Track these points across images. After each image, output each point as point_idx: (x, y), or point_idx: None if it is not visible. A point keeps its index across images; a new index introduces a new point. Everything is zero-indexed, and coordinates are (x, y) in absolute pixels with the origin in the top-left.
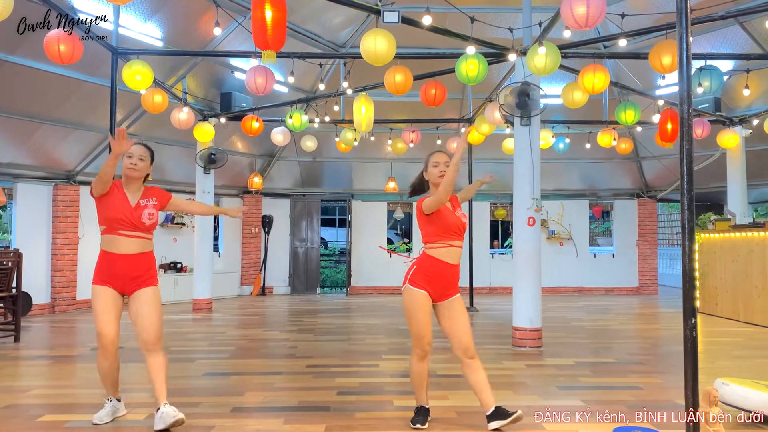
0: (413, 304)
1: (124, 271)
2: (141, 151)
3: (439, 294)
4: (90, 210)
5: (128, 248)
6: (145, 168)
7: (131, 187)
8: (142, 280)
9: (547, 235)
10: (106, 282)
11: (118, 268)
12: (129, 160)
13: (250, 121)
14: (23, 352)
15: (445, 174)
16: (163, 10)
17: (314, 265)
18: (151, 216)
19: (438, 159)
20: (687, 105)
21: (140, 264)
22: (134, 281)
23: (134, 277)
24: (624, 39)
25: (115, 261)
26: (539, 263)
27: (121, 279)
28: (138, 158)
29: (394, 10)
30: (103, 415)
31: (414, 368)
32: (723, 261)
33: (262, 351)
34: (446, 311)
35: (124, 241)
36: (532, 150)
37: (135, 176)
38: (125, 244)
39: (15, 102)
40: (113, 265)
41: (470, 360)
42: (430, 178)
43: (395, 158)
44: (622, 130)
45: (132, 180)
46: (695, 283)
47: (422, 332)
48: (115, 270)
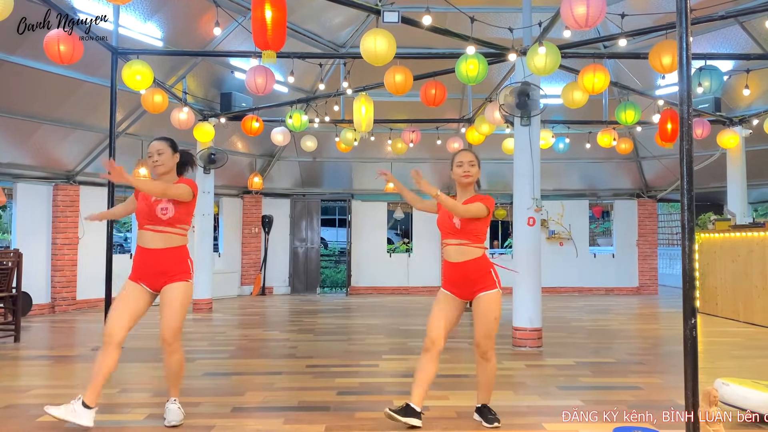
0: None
1: (151, 266)
2: (158, 146)
3: (462, 291)
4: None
5: (153, 243)
6: (168, 159)
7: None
8: (171, 276)
9: (547, 235)
10: (136, 278)
11: (145, 262)
12: (150, 159)
13: (250, 121)
14: (23, 352)
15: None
16: (163, 10)
17: (314, 265)
18: (164, 210)
19: (462, 159)
20: (687, 105)
21: (166, 258)
22: (163, 276)
23: (162, 272)
24: (624, 39)
25: (143, 255)
26: (539, 263)
27: (150, 275)
28: (156, 154)
29: (394, 10)
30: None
31: (418, 360)
32: (723, 261)
33: (262, 351)
34: (473, 309)
35: (149, 235)
36: (532, 150)
37: (161, 172)
38: (150, 239)
39: (15, 102)
40: (141, 259)
41: (480, 358)
42: (455, 177)
43: (395, 158)
44: (622, 130)
45: (161, 176)
46: (695, 283)
47: (430, 326)
48: (143, 264)
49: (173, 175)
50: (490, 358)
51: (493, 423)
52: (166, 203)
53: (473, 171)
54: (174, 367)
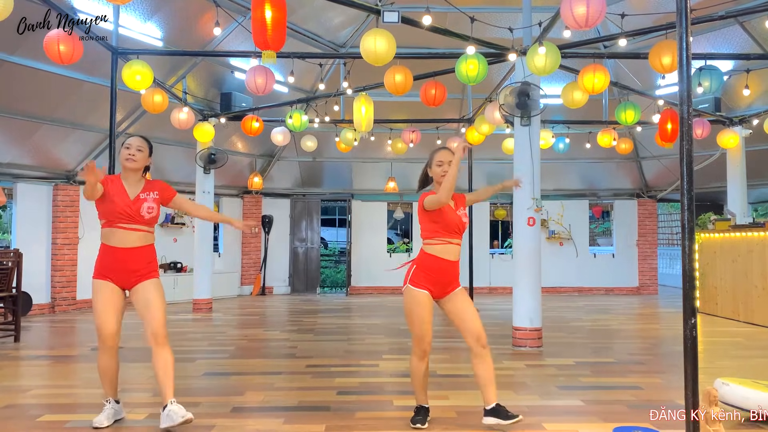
0: (414, 305)
1: (124, 265)
2: (138, 142)
3: (441, 291)
4: (90, 210)
5: (128, 241)
6: (143, 159)
7: (130, 180)
8: (143, 274)
9: (547, 235)
10: (106, 276)
11: (118, 262)
12: (126, 151)
13: (250, 121)
14: (23, 352)
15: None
16: (163, 10)
17: (314, 265)
18: (151, 210)
19: (442, 158)
20: (687, 105)
21: (140, 257)
22: (134, 274)
23: (134, 270)
24: (624, 39)
25: (115, 254)
26: (539, 263)
27: (121, 272)
28: (136, 149)
29: (394, 10)
30: (102, 418)
31: (414, 368)
32: (723, 261)
33: (262, 351)
34: (451, 305)
35: (123, 233)
36: (532, 150)
37: (133, 167)
38: (124, 237)
39: (15, 102)
40: (113, 259)
41: (482, 349)
42: (434, 176)
43: (395, 158)
44: (622, 130)
45: (130, 172)
46: (695, 283)
47: (423, 333)
48: (115, 263)
49: (139, 174)
50: (487, 345)
51: (515, 417)
52: (152, 202)
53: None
54: (168, 360)
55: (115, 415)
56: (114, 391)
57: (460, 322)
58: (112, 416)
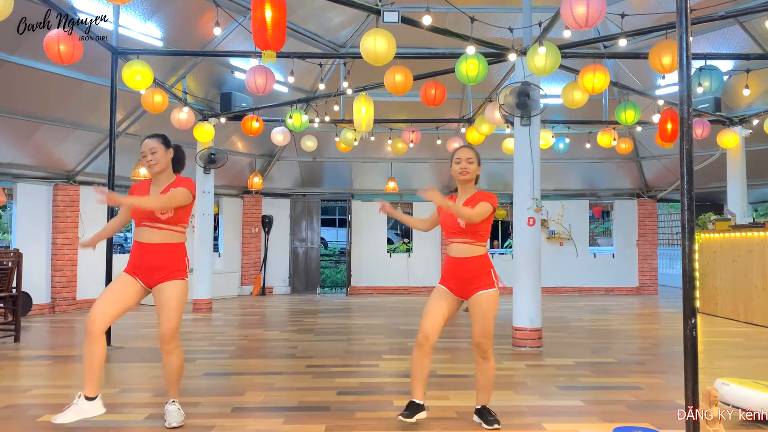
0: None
1: (148, 261)
2: (150, 144)
3: (461, 289)
4: (90, 210)
5: (151, 238)
6: (162, 157)
7: (158, 181)
8: (167, 273)
9: (547, 235)
10: (131, 271)
11: (143, 257)
12: (144, 159)
13: (250, 121)
14: (23, 352)
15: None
16: (163, 10)
17: (314, 265)
18: (164, 211)
19: (460, 156)
20: (687, 105)
21: (164, 254)
22: (159, 272)
23: (159, 267)
24: (624, 39)
25: (140, 250)
26: (539, 263)
27: (146, 269)
28: (149, 152)
29: (394, 10)
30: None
31: (412, 356)
32: (723, 261)
33: (262, 351)
34: (470, 308)
35: (148, 231)
36: (532, 150)
37: (157, 170)
38: (148, 234)
39: (15, 102)
40: (138, 254)
41: (480, 358)
42: (453, 174)
43: (395, 158)
44: (622, 130)
45: (156, 174)
46: (695, 283)
47: (424, 319)
48: (140, 259)
49: (169, 172)
50: (489, 358)
51: (493, 425)
52: None
53: (471, 168)
54: (173, 366)
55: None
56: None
57: (472, 326)
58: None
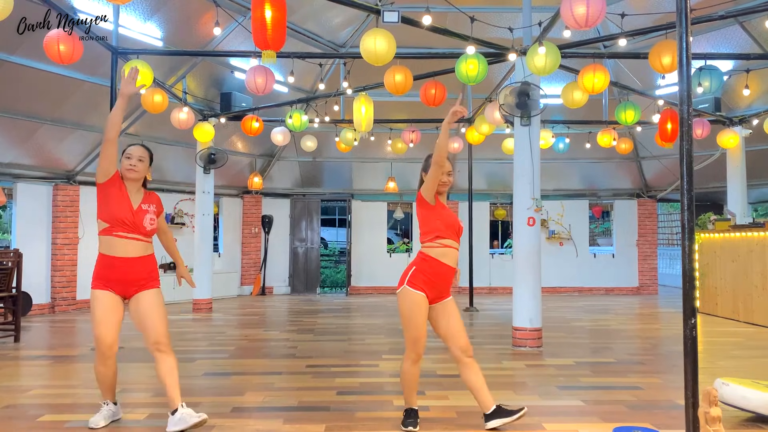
0: (412, 306)
1: (125, 275)
2: (140, 152)
3: (436, 296)
4: (90, 210)
5: (128, 251)
6: (144, 169)
7: (131, 189)
8: (144, 283)
9: (547, 235)
10: (106, 286)
11: (119, 272)
12: (128, 161)
13: (250, 121)
14: (23, 352)
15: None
16: (163, 10)
17: (314, 265)
18: (152, 222)
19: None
20: (687, 105)
21: (142, 267)
22: (135, 284)
23: (135, 280)
24: (624, 39)
25: (115, 264)
26: (539, 263)
27: (122, 283)
28: (137, 159)
29: (394, 10)
30: (99, 418)
31: (407, 372)
32: (723, 261)
33: (262, 351)
34: (442, 313)
35: (123, 243)
36: (532, 150)
37: (134, 177)
38: (124, 247)
39: (15, 102)
40: (113, 269)
41: (469, 360)
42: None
43: (395, 158)
44: (622, 130)
45: (131, 182)
46: (695, 283)
47: (420, 336)
48: (116, 274)
49: (139, 184)
50: (472, 355)
51: (519, 412)
52: (153, 215)
53: (450, 180)
54: (174, 365)
55: (112, 416)
56: (112, 394)
57: (447, 332)
58: (109, 417)
